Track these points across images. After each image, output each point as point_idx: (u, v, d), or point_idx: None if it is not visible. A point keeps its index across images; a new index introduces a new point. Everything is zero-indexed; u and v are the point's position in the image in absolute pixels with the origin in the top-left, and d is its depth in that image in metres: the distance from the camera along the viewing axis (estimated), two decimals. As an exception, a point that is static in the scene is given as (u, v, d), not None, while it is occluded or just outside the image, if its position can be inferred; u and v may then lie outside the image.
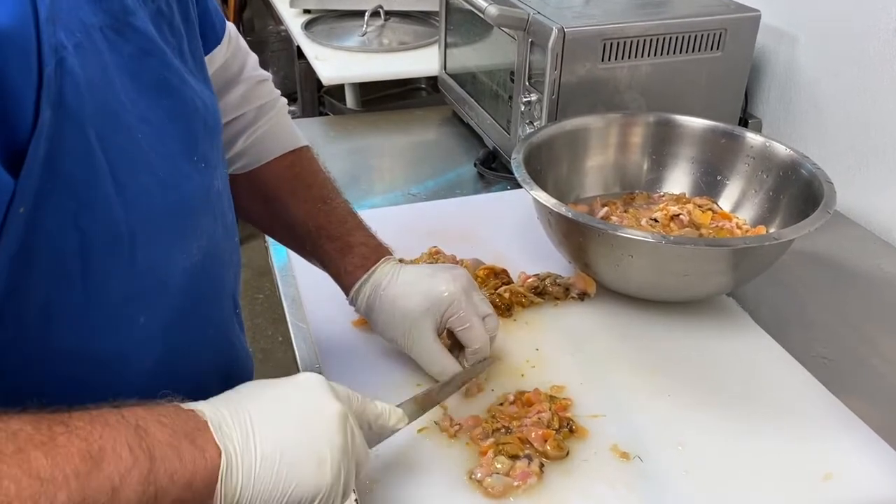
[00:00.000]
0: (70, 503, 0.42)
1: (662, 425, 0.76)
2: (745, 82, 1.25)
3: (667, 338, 0.89)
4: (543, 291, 0.94)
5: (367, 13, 1.93)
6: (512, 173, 0.94)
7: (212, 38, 0.75)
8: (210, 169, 0.62)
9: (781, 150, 1.00)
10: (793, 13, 1.27)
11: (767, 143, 1.02)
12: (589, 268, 0.92)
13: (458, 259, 0.97)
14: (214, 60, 0.76)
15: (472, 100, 1.39)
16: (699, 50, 1.17)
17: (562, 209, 0.86)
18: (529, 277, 0.95)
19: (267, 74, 0.85)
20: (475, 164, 1.32)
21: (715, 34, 1.16)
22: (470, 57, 1.39)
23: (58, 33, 0.44)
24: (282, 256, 1.04)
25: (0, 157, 0.42)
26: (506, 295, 0.92)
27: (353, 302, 0.81)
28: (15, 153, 0.43)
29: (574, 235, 0.90)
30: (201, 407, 0.52)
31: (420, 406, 0.71)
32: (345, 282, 0.81)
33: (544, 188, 0.89)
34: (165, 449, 0.47)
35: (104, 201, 0.49)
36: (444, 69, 1.51)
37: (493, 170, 1.30)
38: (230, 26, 0.80)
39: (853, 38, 1.16)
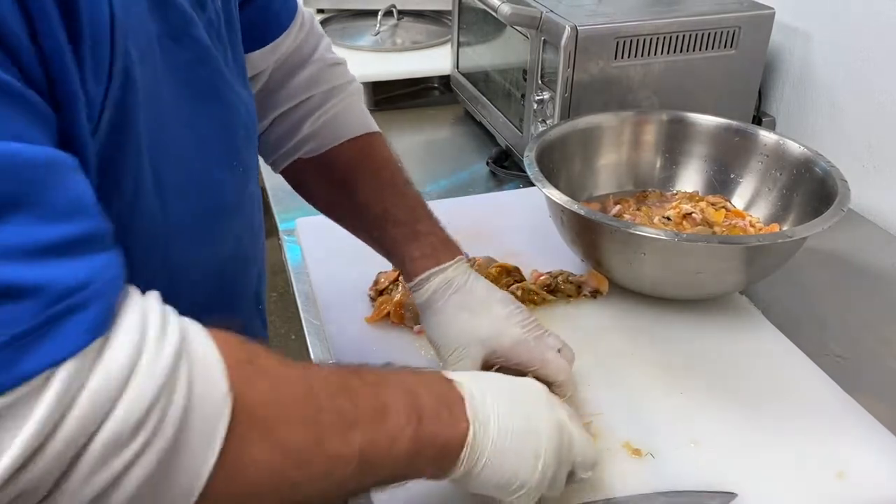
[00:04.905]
0: (362, 443, 0.48)
1: (675, 422, 0.76)
2: (759, 80, 1.24)
3: (679, 335, 0.89)
4: (556, 289, 0.94)
5: (380, 13, 1.93)
6: (524, 171, 0.94)
7: (274, 28, 0.75)
8: (246, 173, 0.63)
9: (795, 148, 1.00)
10: (807, 11, 1.27)
11: (781, 141, 1.01)
12: (601, 266, 0.92)
13: (470, 257, 0.97)
14: (279, 47, 0.76)
15: (484, 98, 1.39)
16: (713, 48, 1.16)
17: (574, 207, 0.86)
18: (542, 275, 0.96)
19: (340, 58, 0.83)
20: (488, 163, 1.32)
21: (729, 32, 1.16)
22: (482, 56, 1.40)
23: (128, 43, 0.46)
24: (296, 255, 1.04)
25: (86, 127, 0.44)
26: (518, 293, 0.92)
27: (414, 290, 0.76)
28: (73, 141, 0.44)
29: (587, 233, 0.90)
30: (461, 379, 0.57)
31: None
32: (409, 269, 0.76)
33: (557, 186, 0.89)
34: (431, 413, 0.53)
35: (146, 201, 0.50)
36: (457, 68, 1.51)
37: (505, 168, 1.31)
38: (303, 11, 0.79)
39: (868, 35, 1.16)
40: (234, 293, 0.67)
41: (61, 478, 0.36)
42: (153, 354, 0.39)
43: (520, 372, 0.71)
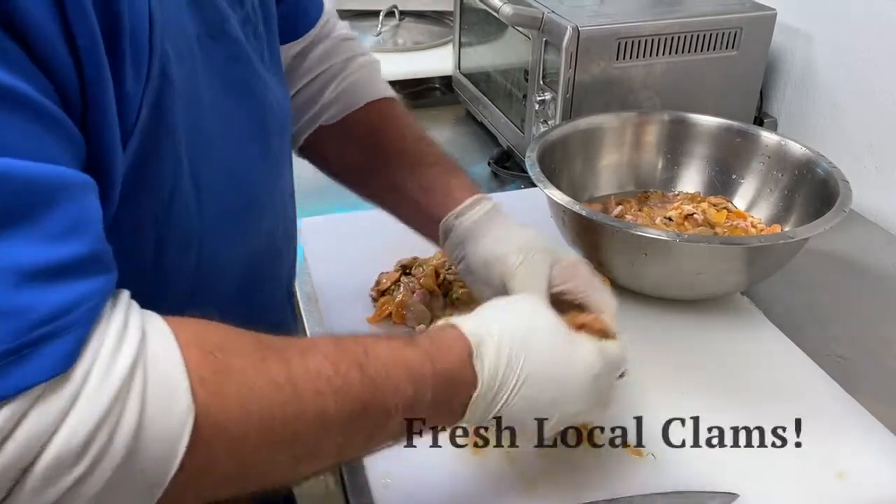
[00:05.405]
0: (339, 443, 0.48)
1: (675, 423, 0.76)
2: (761, 81, 1.24)
3: (680, 336, 0.89)
4: (557, 289, 0.94)
5: (381, 13, 1.94)
6: (526, 172, 0.94)
7: (304, 23, 0.77)
8: (278, 167, 0.64)
9: (796, 148, 1.00)
10: (808, 12, 1.27)
11: (782, 142, 1.02)
12: (603, 266, 0.92)
13: (472, 257, 0.97)
14: (305, 40, 0.78)
15: (486, 99, 1.39)
16: (714, 49, 1.16)
17: (576, 207, 0.86)
18: (543, 275, 0.96)
19: (354, 34, 0.85)
20: (489, 163, 1.32)
21: (730, 33, 1.16)
22: (484, 56, 1.40)
23: (165, 43, 0.46)
24: (298, 255, 1.04)
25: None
26: (520, 293, 0.92)
27: (462, 213, 0.75)
28: (101, 151, 0.43)
29: (588, 234, 0.90)
30: (479, 371, 0.54)
31: None
32: (457, 195, 0.76)
33: (558, 187, 0.89)
34: (428, 408, 0.51)
35: (183, 202, 0.50)
36: (459, 68, 1.51)
37: (507, 169, 1.31)
38: (326, 5, 0.81)
39: (869, 36, 1.16)
40: (266, 287, 0.67)
41: (9, 493, 0.37)
42: (98, 383, 0.38)
43: (567, 303, 0.70)
